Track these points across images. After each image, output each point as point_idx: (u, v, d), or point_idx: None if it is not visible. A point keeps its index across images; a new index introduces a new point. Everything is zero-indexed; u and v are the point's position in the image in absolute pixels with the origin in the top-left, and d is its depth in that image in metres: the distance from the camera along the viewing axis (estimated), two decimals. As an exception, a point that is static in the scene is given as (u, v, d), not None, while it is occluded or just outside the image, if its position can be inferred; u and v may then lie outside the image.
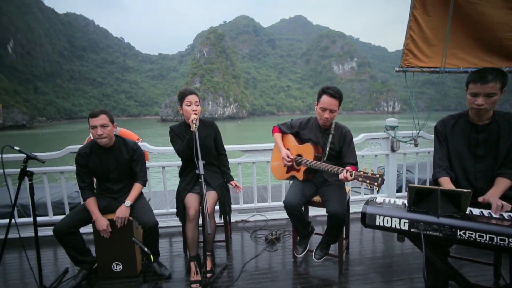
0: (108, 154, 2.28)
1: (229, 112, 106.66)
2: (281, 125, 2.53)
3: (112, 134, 2.24)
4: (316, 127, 2.30)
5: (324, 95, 2.11)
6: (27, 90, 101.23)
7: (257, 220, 3.40)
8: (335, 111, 2.14)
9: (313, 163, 2.16)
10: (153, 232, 2.24)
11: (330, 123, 2.22)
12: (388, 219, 1.42)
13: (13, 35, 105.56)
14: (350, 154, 2.21)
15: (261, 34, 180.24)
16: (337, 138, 2.24)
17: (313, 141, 2.28)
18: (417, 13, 2.94)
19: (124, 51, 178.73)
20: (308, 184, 2.33)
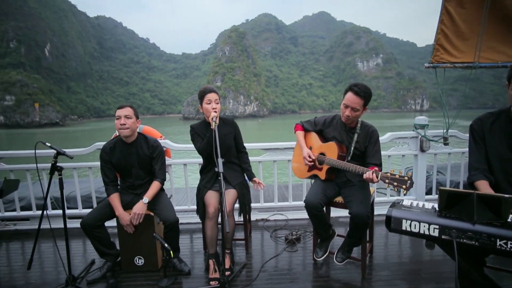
0: (130, 149, 2.33)
1: (250, 111, 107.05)
2: (304, 122, 2.46)
3: (134, 128, 2.29)
4: (341, 126, 2.23)
5: (349, 92, 2.04)
6: (61, 90, 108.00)
7: (277, 220, 3.37)
8: (358, 110, 2.05)
9: (337, 163, 2.09)
10: (174, 228, 2.27)
11: (353, 121, 2.14)
12: (416, 224, 1.33)
13: (50, 38, 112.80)
14: (374, 154, 2.12)
15: (283, 31, 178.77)
16: (363, 137, 2.16)
17: (337, 140, 2.21)
18: (450, 6, 2.77)
19: (150, 51, 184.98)
20: (330, 184, 2.25)
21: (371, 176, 1.82)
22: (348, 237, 2.20)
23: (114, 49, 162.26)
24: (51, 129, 69.25)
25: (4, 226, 3.34)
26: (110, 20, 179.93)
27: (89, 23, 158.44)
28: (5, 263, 2.65)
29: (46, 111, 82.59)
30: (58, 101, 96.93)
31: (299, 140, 2.39)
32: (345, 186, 2.23)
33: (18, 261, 2.66)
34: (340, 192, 2.26)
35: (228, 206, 2.21)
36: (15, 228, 3.33)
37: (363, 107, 2.06)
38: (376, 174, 1.81)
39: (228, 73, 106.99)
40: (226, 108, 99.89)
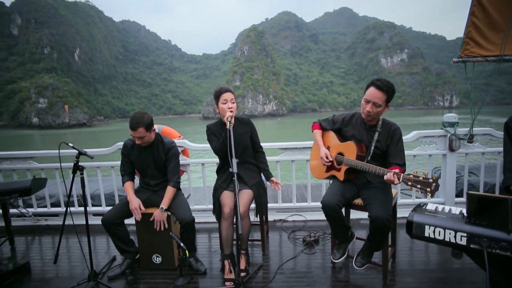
0: (147, 151, 2.39)
1: (269, 110, 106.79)
2: (322, 120, 2.38)
3: (150, 138, 2.34)
4: (361, 124, 2.12)
5: (371, 86, 1.94)
6: (89, 92, 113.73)
7: (295, 220, 3.31)
8: (379, 106, 1.93)
9: (355, 163, 2.00)
10: (189, 228, 2.29)
11: (374, 118, 2.02)
12: (440, 230, 1.22)
13: (79, 43, 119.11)
14: (397, 154, 1.99)
15: (303, 29, 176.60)
16: (384, 136, 2.04)
17: (357, 139, 2.11)
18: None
19: (171, 52, 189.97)
20: (349, 185, 2.16)
21: (392, 177, 1.71)
22: (368, 241, 2.10)
23: (137, 51, 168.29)
24: (79, 129, 73.31)
25: (37, 221, 3.51)
26: (134, 24, 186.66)
27: (114, 27, 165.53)
28: (37, 256, 2.80)
29: (75, 112, 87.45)
30: (86, 102, 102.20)
31: (317, 139, 2.32)
32: (365, 188, 2.13)
33: (49, 255, 2.79)
34: (359, 194, 2.17)
35: (243, 206, 2.20)
36: (46, 224, 3.50)
37: (385, 103, 1.95)
38: (398, 176, 1.70)
39: (247, 73, 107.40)
40: (245, 107, 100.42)
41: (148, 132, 2.27)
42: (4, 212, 2.95)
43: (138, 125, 2.20)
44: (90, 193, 3.74)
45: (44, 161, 3.52)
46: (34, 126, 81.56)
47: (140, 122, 2.21)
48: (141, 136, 2.24)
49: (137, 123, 2.20)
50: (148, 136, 2.29)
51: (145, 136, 2.26)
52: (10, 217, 3.00)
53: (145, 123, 2.23)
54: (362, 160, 2.04)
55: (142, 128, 2.22)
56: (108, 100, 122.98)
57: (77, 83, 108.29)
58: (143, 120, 2.23)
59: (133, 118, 2.24)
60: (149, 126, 2.28)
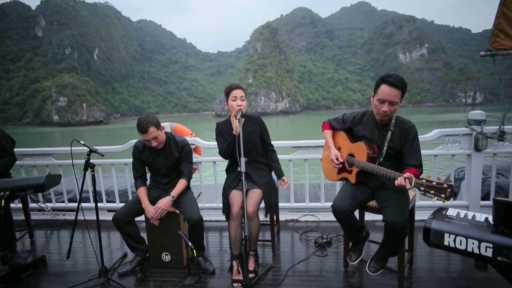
0: (159, 152, 2.36)
1: (281, 107, 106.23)
2: (332, 120, 2.26)
3: (163, 138, 2.33)
4: (372, 123, 1.99)
5: (383, 85, 1.79)
6: (107, 91, 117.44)
7: (308, 221, 3.22)
8: (396, 104, 1.80)
9: (366, 165, 1.88)
10: (197, 227, 2.26)
11: (389, 117, 1.88)
12: (462, 239, 1.09)
13: (98, 43, 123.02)
14: (412, 154, 1.86)
15: (319, 25, 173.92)
16: (398, 135, 1.90)
17: (368, 139, 1.98)
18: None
19: (187, 50, 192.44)
20: (362, 187, 2.04)
21: (403, 182, 1.61)
22: (383, 245, 1.98)
23: (154, 50, 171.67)
24: (96, 126, 75.89)
25: (55, 216, 3.60)
26: (151, 23, 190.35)
27: (132, 27, 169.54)
28: (54, 250, 2.88)
29: (92, 110, 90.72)
30: (103, 100, 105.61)
31: (327, 140, 2.22)
32: (380, 190, 1.99)
33: (65, 249, 2.82)
34: (374, 196, 2.04)
35: (252, 207, 2.14)
36: (64, 218, 3.58)
37: (400, 100, 1.82)
38: (410, 180, 1.59)
39: (260, 70, 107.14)
40: (257, 104, 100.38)
41: (159, 131, 2.24)
42: (24, 207, 3.02)
43: (148, 126, 2.16)
44: (105, 190, 3.80)
45: (61, 157, 3.60)
46: (55, 124, 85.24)
47: (149, 122, 2.17)
48: (155, 137, 2.21)
49: (147, 124, 2.16)
50: (161, 135, 2.26)
51: (158, 135, 2.23)
52: (29, 212, 3.04)
53: (153, 121, 2.19)
54: (373, 161, 1.92)
55: (152, 127, 2.18)
56: (125, 98, 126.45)
57: (95, 81, 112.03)
58: (149, 119, 2.19)
59: (140, 122, 2.20)
60: (158, 124, 2.25)
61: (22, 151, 3.52)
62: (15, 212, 3.31)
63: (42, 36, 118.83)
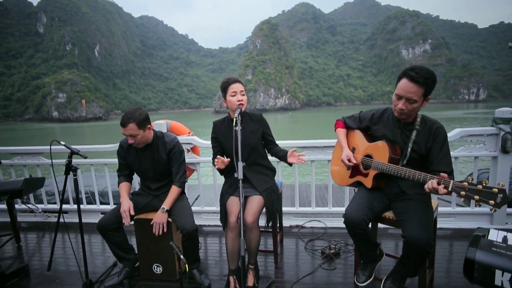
0: (145, 153, 2.14)
1: (281, 104, 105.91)
2: (347, 118, 2.01)
3: (146, 138, 2.07)
4: (394, 121, 1.75)
5: (404, 78, 1.55)
6: (108, 87, 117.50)
7: (314, 227, 2.96)
8: (415, 102, 1.55)
9: (388, 167, 1.63)
10: (191, 237, 2.03)
11: (409, 116, 1.65)
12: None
13: (99, 40, 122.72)
14: (442, 159, 1.60)
15: (321, 20, 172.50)
16: (424, 136, 1.65)
17: (389, 139, 1.74)
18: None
19: (188, 47, 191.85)
20: (378, 195, 1.79)
21: (435, 186, 1.36)
22: (401, 263, 1.70)
23: (155, 46, 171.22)
24: (95, 123, 76.11)
25: (47, 218, 3.42)
26: (152, 19, 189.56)
27: (133, 23, 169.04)
28: (39, 257, 2.66)
29: (91, 106, 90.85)
30: (104, 97, 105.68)
31: (340, 139, 1.96)
32: (398, 199, 1.74)
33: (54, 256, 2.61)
34: (390, 206, 1.78)
35: (251, 216, 1.89)
36: (55, 221, 3.38)
37: (423, 98, 1.55)
38: (446, 184, 1.34)
39: (259, 66, 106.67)
40: (256, 101, 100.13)
41: (140, 130, 1.98)
42: (9, 209, 2.82)
43: (128, 121, 1.93)
44: (99, 191, 3.60)
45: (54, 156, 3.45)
46: (55, 120, 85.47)
47: (131, 118, 1.94)
48: (132, 134, 1.97)
49: (128, 118, 1.94)
50: (142, 135, 2.01)
51: (137, 134, 1.98)
52: (16, 215, 2.88)
53: (136, 118, 1.94)
54: (395, 163, 1.68)
55: (132, 124, 1.93)
56: (126, 94, 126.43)
57: (96, 78, 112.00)
58: (135, 115, 1.95)
59: (124, 114, 1.98)
60: (142, 123, 1.98)
61: (11, 150, 3.33)
62: (2, 214, 3.12)
63: (43, 32, 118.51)
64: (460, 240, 2.53)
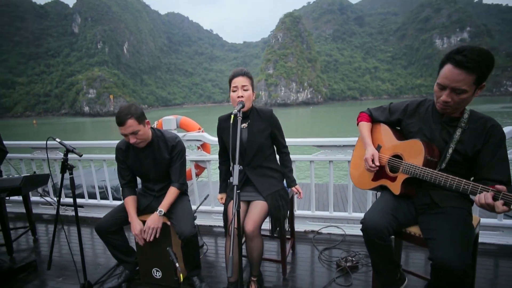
0: (146, 152, 1.95)
1: (302, 98, 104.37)
2: (374, 110, 1.72)
3: (147, 134, 1.89)
4: (434, 115, 1.44)
5: (447, 64, 1.25)
6: (135, 83, 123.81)
7: (331, 233, 2.63)
8: (464, 92, 1.24)
9: (423, 171, 1.34)
10: (190, 243, 1.85)
11: (456, 109, 1.35)
12: None
13: (128, 37, 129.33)
14: (497, 165, 1.27)
15: (348, 11, 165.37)
16: (472, 135, 1.34)
17: (426, 136, 1.44)
18: None
19: (213, 42, 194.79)
20: (405, 204, 1.49)
21: (490, 201, 1.07)
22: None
23: (181, 42, 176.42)
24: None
25: (64, 211, 3.38)
26: (178, 16, 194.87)
27: (160, 20, 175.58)
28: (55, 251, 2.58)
29: (118, 101, 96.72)
30: (132, 92, 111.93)
31: (363, 134, 1.66)
32: (427, 212, 1.44)
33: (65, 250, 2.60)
34: (417, 220, 1.48)
35: (251, 224, 1.67)
36: (72, 214, 3.33)
37: (474, 86, 1.24)
38: (506, 199, 1.05)
39: (281, 60, 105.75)
40: (277, 95, 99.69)
41: (141, 125, 1.80)
42: (25, 202, 2.77)
43: (126, 117, 1.73)
44: (113, 186, 3.56)
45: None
46: (86, 114, 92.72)
47: (128, 114, 1.74)
48: (134, 131, 1.77)
49: (125, 115, 1.74)
50: (143, 130, 1.82)
51: (139, 129, 1.79)
52: (31, 207, 2.82)
53: (134, 113, 1.76)
54: (432, 167, 1.38)
55: (132, 120, 1.75)
56: (152, 89, 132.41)
57: (125, 74, 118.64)
58: (131, 110, 1.76)
59: (118, 112, 1.77)
60: (141, 117, 1.81)
61: (31, 144, 3.33)
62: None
63: (78, 32, 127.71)
64: (508, 260, 2.08)
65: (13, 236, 2.74)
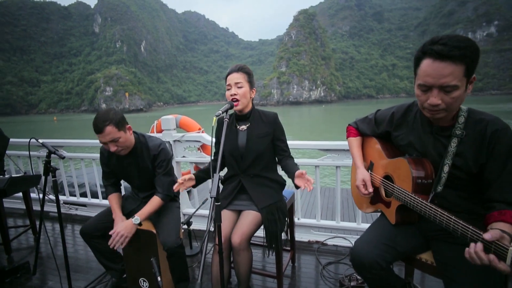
0: (128, 159, 1.80)
1: (315, 96, 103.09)
2: (360, 121, 1.50)
3: (129, 141, 1.72)
4: (423, 123, 1.19)
5: (426, 59, 1.00)
6: (152, 80, 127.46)
7: (338, 245, 2.37)
8: (455, 89, 0.98)
9: (412, 199, 1.10)
10: (175, 254, 1.70)
11: (449, 113, 1.06)
12: None
13: (145, 36, 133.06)
14: (507, 183, 1.01)
15: (366, 7, 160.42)
16: (473, 145, 1.07)
17: (417, 150, 1.20)
18: None
19: (228, 40, 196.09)
20: (409, 229, 1.25)
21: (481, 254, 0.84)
22: None
23: (197, 40, 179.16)
24: (136, 114, 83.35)
25: (68, 209, 3.36)
26: (195, 14, 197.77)
27: (176, 18, 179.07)
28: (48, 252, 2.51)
29: (134, 99, 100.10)
30: (148, 90, 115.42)
31: (352, 153, 1.49)
32: (441, 238, 1.18)
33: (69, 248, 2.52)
34: (429, 245, 1.24)
35: (238, 235, 1.47)
36: (75, 213, 3.31)
37: (466, 79, 0.99)
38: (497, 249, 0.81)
39: (293, 58, 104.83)
40: (289, 93, 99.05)
41: (121, 132, 1.64)
42: (25, 201, 2.69)
43: (104, 124, 1.57)
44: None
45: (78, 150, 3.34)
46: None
47: (106, 120, 1.58)
48: (113, 139, 1.61)
49: (103, 122, 1.58)
50: (124, 137, 1.67)
51: (119, 137, 1.63)
52: (31, 206, 2.72)
53: (113, 119, 1.60)
54: (426, 191, 1.12)
55: (110, 127, 1.58)
56: (168, 87, 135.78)
57: (142, 72, 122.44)
58: (109, 116, 1.60)
59: (95, 119, 1.61)
60: (120, 123, 1.64)
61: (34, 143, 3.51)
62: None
63: (98, 32, 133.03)
64: None
65: (15, 234, 2.72)
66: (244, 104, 1.56)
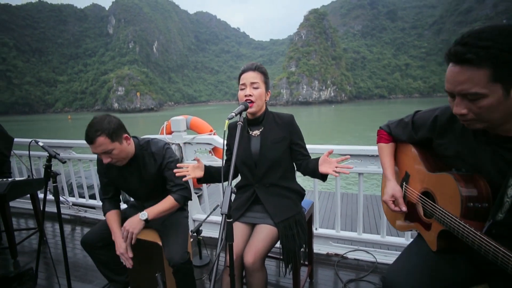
0: (130, 169, 1.66)
1: (325, 96, 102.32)
2: (394, 125, 1.26)
3: (125, 153, 1.57)
4: (477, 132, 0.94)
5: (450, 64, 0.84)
6: (163, 80, 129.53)
7: (359, 260, 2.17)
8: (481, 97, 0.79)
9: (461, 228, 0.87)
10: (182, 271, 1.56)
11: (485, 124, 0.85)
12: None
13: (157, 37, 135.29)
14: None
15: (379, 5, 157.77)
16: None
17: (468, 165, 0.96)
18: None
19: (239, 40, 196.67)
20: (455, 258, 1.02)
21: None
22: None
23: (208, 41, 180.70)
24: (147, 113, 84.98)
25: (77, 211, 3.35)
26: (207, 15, 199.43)
27: (188, 19, 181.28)
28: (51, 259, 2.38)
29: (145, 99, 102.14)
30: (160, 89, 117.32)
31: (383, 162, 1.27)
32: (499, 274, 0.94)
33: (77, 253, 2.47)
34: (483, 279, 1.01)
35: (251, 255, 1.32)
36: (84, 215, 3.31)
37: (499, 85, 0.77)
38: None
39: (303, 58, 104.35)
40: (299, 93, 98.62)
41: (115, 143, 1.48)
42: (33, 203, 2.64)
43: (95, 134, 1.43)
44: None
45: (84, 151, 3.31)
46: (116, 110, 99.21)
47: (98, 130, 1.43)
48: (105, 151, 1.46)
49: (95, 131, 1.43)
50: (119, 148, 1.51)
51: (112, 149, 1.47)
52: (39, 209, 2.61)
53: (106, 129, 1.44)
54: (479, 217, 0.88)
55: (102, 138, 1.43)
56: (179, 87, 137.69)
57: (154, 72, 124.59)
58: (103, 125, 1.44)
59: (88, 126, 1.46)
60: (115, 133, 1.48)
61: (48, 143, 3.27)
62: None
63: (112, 33, 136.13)
64: None
65: (23, 237, 2.62)
66: (259, 106, 1.42)
